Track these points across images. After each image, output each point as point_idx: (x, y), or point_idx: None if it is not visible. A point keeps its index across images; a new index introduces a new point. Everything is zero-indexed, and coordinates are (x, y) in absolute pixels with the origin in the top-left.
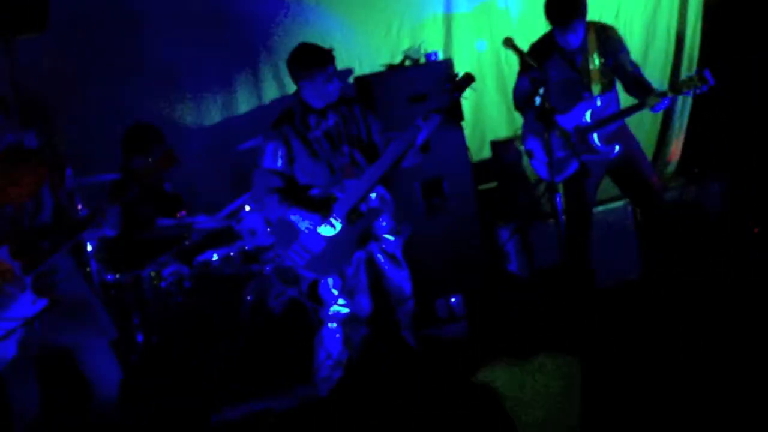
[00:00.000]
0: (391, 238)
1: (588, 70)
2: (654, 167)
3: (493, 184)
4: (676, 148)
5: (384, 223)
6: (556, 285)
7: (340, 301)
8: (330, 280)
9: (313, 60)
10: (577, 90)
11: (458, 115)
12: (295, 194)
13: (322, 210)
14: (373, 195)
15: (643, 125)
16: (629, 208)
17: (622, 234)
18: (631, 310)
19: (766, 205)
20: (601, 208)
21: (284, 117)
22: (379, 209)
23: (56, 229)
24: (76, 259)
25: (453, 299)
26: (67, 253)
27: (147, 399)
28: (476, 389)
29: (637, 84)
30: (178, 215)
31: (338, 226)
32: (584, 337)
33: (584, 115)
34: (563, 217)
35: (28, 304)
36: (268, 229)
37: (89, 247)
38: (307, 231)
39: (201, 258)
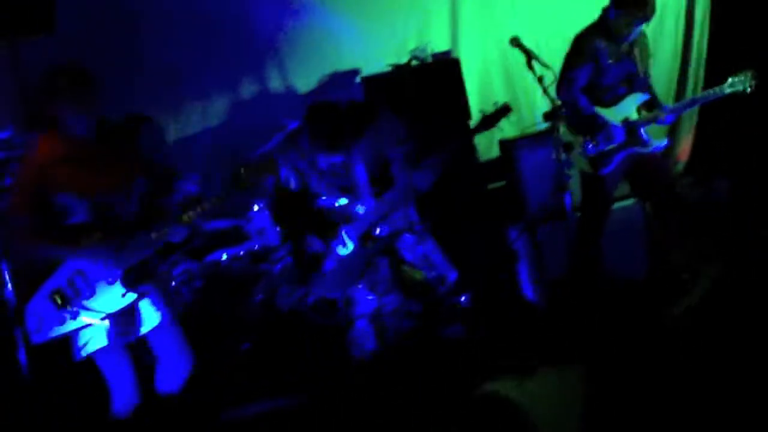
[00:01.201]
0: (411, 239)
1: (637, 66)
2: None
3: (502, 184)
4: (685, 148)
5: (406, 240)
6: (565, 284)
7: (366, 297)
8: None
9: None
10: (626, 83)
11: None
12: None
13: (333, 231)
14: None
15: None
16: (639, 206)
17: (630, 233)
18: (638, 310)
19: None
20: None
21: (290, 139)
22: (400, 230)
23: (145, 224)
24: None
25: (462, 298)
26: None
27: (157, 397)
28: (485, 395)
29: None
30: None
31: (350, 247)
32: (590, 339)
33: (632, 108)
34: (574, 215)
35: (115, 298)
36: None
37: None
38: (317, 251)
39: (210, 258)
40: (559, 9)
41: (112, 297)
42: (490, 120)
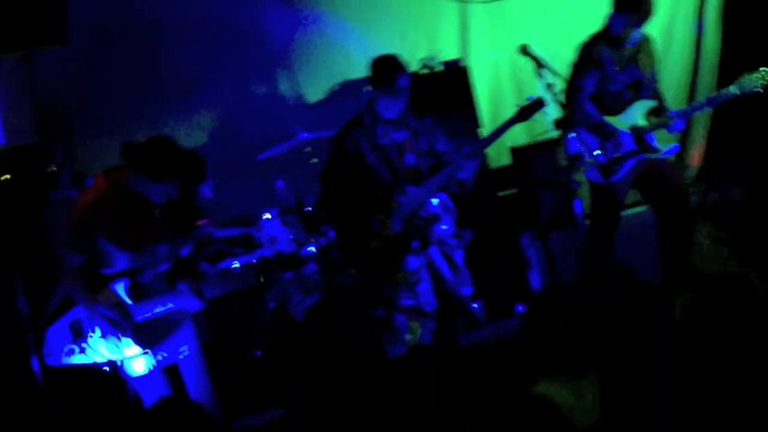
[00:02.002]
0: (452, 242)
1: (643, 71)
2: None
3: (513, 191)
4: (697, 153)
5: (445, 227)
6: (576, 290)
7: (404, 294)
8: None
9: (392, 72)
10: (632, 89)
11: None
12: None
13: (382, 213)
14: (435, 201)
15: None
16: (651, 213)
17: (643, 239)
18: (653, 317)
19: None
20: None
21: (355, 122)
22: (437, 216)
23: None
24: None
25: (474, 305)
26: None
27: (168, 405)
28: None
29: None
30: (199, 223)
31: (395, 230)
32: (603, 345)
33: (640, 115)
34: (585, 221)
35: (124, 347)
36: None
37: None
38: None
39: (222, 266)
40: (568, 17)
41: (121, 345)
42: (525, 112)
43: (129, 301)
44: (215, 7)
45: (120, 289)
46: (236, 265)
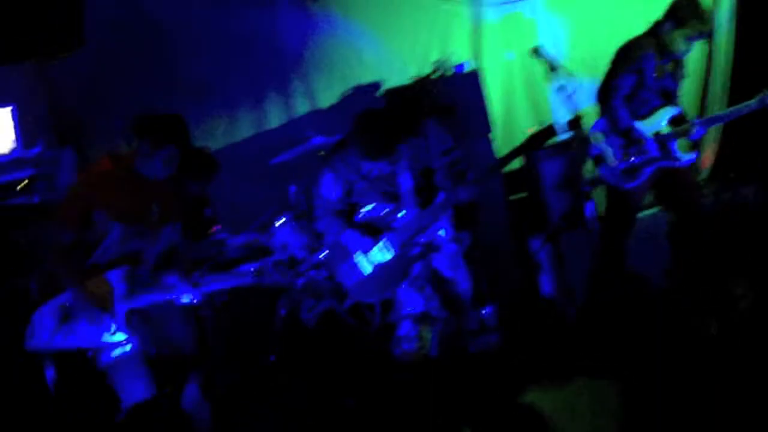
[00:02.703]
0: (451, 247)
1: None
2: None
3: (525, 194)
4: (709, 154)
5: (442, 232)
6: (587, 294)
7: (412, 299)
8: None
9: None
10: (663, 97)
11: None
12: (352, 217)
13: (375, 236)
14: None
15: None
16: (662, 215)
17: (654, 241)
18: (663, 319)
19: None
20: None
21: (341, 147)
22: (435, 246)
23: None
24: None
25: (484, 311)
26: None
27: (181, 413)
28: (519, 406)
29: None
30: (212, 230)
31: (390, 255)
32: (619, 349)
33: (663, 122)
34: (597, 224)
35: (106, 332)
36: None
37: None
38: (358, 254)
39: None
40: (579, 19)
41: (106, 331)
42: (536, 140)
43: (123, 290)
44: (229, 13)
45: (116, 276)
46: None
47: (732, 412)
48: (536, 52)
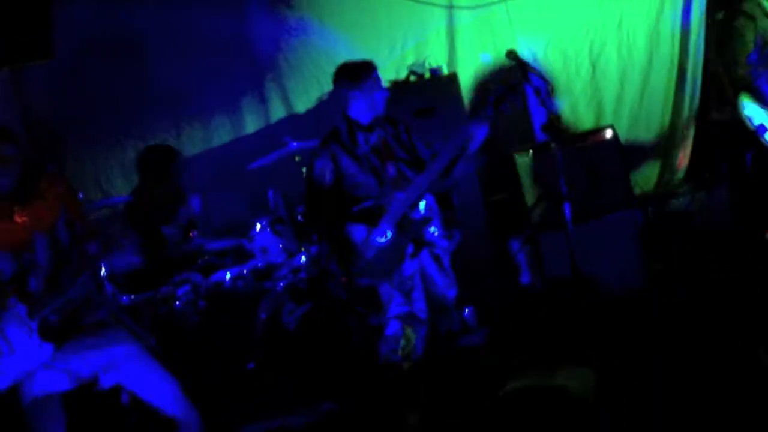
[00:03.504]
0: (443, 243)
1: None
2: (663, 174)
3: (504, 196)
4: (684, 154)
5: (433, 230)
6: (567, 295)
7: (398, 300)
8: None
9: (359, 69)
10: None
11: None
12: (344, 208)
13: (373, 221)
14: (422, 204)
15: (650, 132)
16: (632, 215)
17: (625, 242)
18: (639, 318)
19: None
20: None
21: (331, 135)
22: (428, 218)
23: (67, 266)
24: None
25: (465, 311)
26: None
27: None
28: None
29: None
30: (190, 235)
31: (389, 235)
32: (596, 348)
33: None
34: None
35: (35, 349)
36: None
37: (103, 271)
38: (359, 241)
39: (214, 277)
40: (554, 21)
41: (31, 351)
42: (498, 103)
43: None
44: (202, 19)
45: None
46: (228, 276)
47: (714, 409)
48: (511, 54)
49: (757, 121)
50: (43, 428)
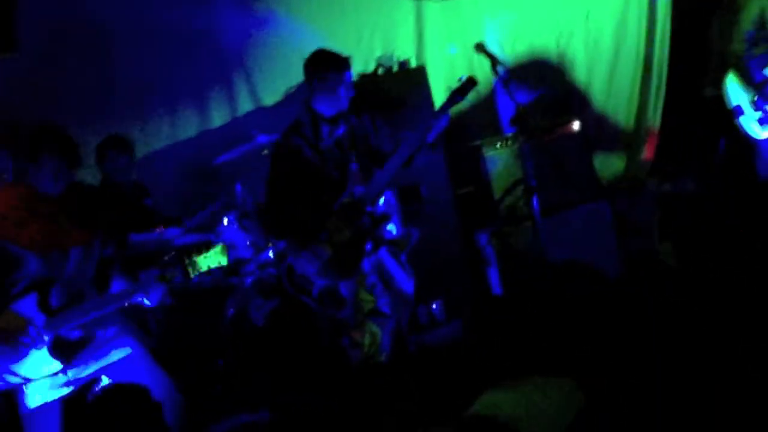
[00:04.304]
0: (400, 240)
1: None
2: (629, 167)
3: (471, 189)
4: (649, 147)
5: (391, 227)
6: (535, 289)
7: (361, 296)
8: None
9: (332, 60)
10: None
11: None
12: (304, 202)
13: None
14: (381, 200)
15: (617, 124)
16: (606, 206)
17: (599, 234)
18: (613, 311)
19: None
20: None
21: (293, 128)
22: (387, 214)
23: (97, 285)
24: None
25: (433, 305)
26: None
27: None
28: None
29: None
30: (156, 230)
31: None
32: (571, 344)
33: None
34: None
35: (40, 364)
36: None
37: None
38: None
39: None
40: (522, 14)
41: (39, 363)
42: (458, 94)
43: (42, 318)
44: (169, 11)
45: (28, 306)
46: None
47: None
48: (480, 47)
49: (735, 102)
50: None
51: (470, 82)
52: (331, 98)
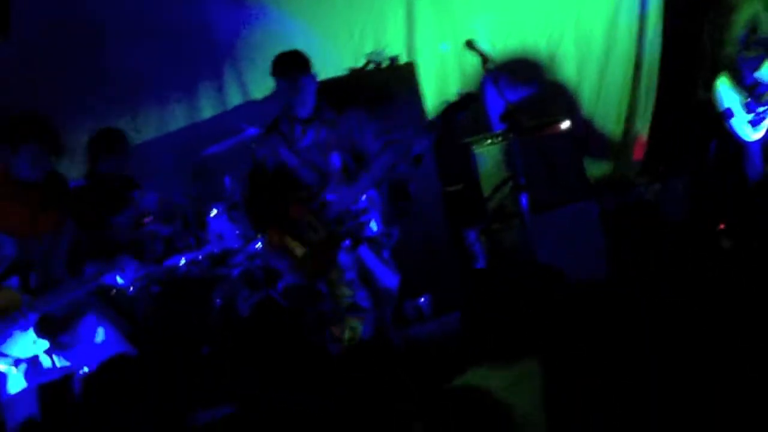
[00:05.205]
0: (381, 240)
1: None
2: (618, 167)
3: (460, 186)
4: (638, 147)
5: (373, 224)
6: (523, 285)
7: (340, 291)
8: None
9: (285, 64)
10: None
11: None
12: (279, 199)
13: (310, 216)
14: (363, 196)
15: (606, 125)
16: (594, 205)
17: (587, 234)
18: (600, 311)
19: (728, 202)
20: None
21: (273, 126)
22: (367, 210)
23: (70, 268)
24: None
25: (421, 300)
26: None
27: (117, 404)
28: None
29: None
30: (144, 221)
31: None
32: (554, 339)
33: None
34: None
35: (28, 344)
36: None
37: None
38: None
39: (168, 263)
40: (514, 12)
41: (25, 342)
42: (456, 108)
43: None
44: (161, 5)
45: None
46: (182, 261)
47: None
48: (470, 45)
49: (726, 104)
50: (20, 418)
51: (470, 98)
52: (300, 98)
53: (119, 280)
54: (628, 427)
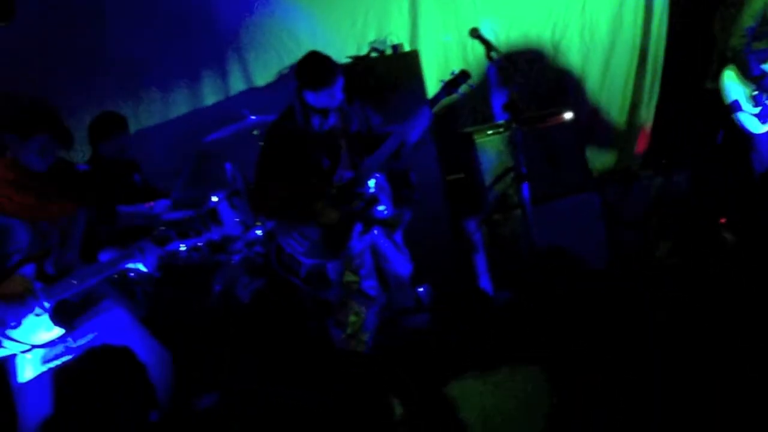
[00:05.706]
0: (390, 221)
1: None
2: (621, 159)
3: (461, 175)
4: (642, 139)
5: (383, 208)
6: (523, 275)
7: (347, 277)
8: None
9: (322, 74)
10: None
11: None
12: (294, 184)
13: (320, 201)
14: (372, 183)
15: (610, 116)
16: (596, 197)
17: (588, 225)
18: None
19: (730, 195)
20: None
21: (287, 114)
22: (376, 195)
23: (84, 255)
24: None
25: (420, 289)
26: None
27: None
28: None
29: None
30: (146, 205)
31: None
32: (555, 334)
33: None
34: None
35: (42, 331)
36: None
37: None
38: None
39: (169, 248)
40: (519, 2)
41: (41, 329)
42: (450, 86)
43: (40, 286)
44: None
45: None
46: (183, 248)
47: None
48: (475, 33)
49: (732, 96)
50: (32, 406)
51: (463, 75)
52: (323, 102)
53: (141, 267)
54: (630, 424)
